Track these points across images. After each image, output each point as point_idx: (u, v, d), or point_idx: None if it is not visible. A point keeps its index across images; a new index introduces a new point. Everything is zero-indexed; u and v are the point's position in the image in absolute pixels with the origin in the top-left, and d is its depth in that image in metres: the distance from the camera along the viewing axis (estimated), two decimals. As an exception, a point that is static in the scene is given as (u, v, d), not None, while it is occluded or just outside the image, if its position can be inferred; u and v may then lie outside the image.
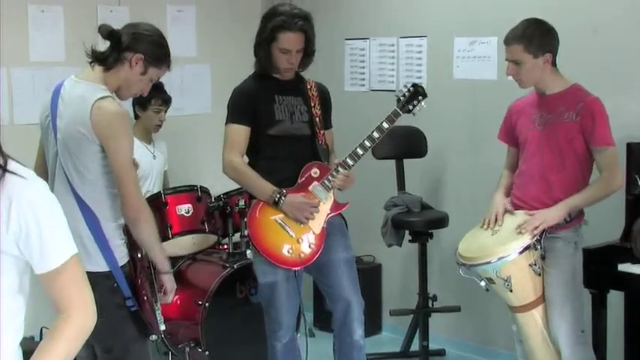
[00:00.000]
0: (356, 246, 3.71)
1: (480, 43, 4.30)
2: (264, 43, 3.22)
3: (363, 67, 4.92)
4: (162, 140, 4.50)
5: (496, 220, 3.23)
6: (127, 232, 2.75)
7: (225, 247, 4.25)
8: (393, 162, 4.50)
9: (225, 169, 3.27)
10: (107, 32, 2.69)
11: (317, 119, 3.33)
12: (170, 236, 3.92)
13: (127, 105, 4.24)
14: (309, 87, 3.37)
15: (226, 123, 3.28)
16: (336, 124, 3.68)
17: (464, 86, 4.44)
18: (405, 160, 4.48)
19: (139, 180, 2.69)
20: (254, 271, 3.35)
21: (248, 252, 4.05)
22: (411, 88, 3.35)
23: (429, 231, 4.31)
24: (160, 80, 4.48)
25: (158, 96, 4.26)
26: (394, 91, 4.11)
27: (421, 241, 4.32)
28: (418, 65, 4.62)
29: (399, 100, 3.35)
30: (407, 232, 4.32)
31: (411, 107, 3.35)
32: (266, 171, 3.27)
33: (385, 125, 3.29)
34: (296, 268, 3.23)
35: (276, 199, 3.19)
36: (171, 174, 4.61)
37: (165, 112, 4.33)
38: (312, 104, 3.33)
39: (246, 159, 3.33)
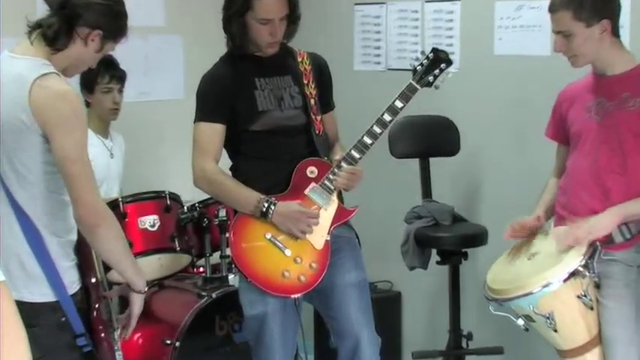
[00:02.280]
0: (369, 269, 3.70)
1: (529, 8, 4.27)
2: (236, 14, 3.22)
3: (379, 40, 4.92)
4: (118, 133, 4.50)
5: (521, 229, 3.24)
6: (78, 251, 2.75)
7: (202, 270, 4.28)
8: (416, 162, 4.46)
9: (197, 180, 3.29)
10: (58, 3, 2.70)
11: (312, 101, 3.34)
12: (131, 256, 3.94)
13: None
14: (300, 60, 3.37)
15: (195, 121, 3.29)
16: (345, 113, 3.67)
17: (508, 64, 4.43)
18: (431, 159, 4.47)
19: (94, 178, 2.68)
20: (240, 301, 3.35)
21: (230, 276, 4.06)
22: (430, 55, 3.33)
23: (463, 250, 4.29)
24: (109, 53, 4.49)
25: (105, 72, 4.23)
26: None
27: (452, 262, 4.31)
28: (449, 37, 4.61)
29: (415, 70, 3.32)
30: (434, 251, 4.32)
31: (431, 79, 3.32)
32: (250, 176, 3.28)
33: (399, 104, 3.27)
34: (295, 296, 3.24)
35: (264, 210, 3.20)
36: (133, 176, 4.59)
37: (120, 91, 4.32)
38: (306, 82, 3.34)
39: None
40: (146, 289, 2.82)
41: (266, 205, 3.20)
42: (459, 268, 4.33)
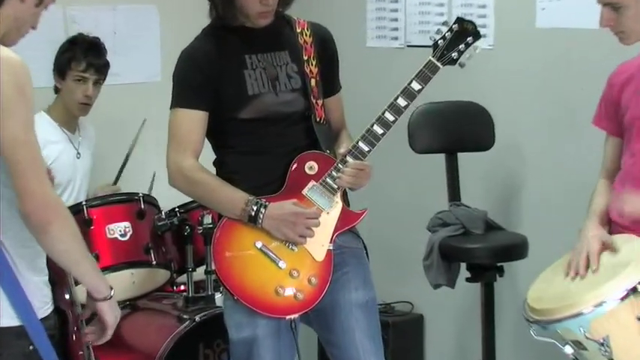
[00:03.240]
0: (385, 287, 3.67)
1: (578, -28, 4.28)
2: None
3: (396, 11, 4.96)
4: (89, 124, 4.48)
5: (588, 264, 3.17)
6: (50, 264, 2.69)
7: (183, 288, 4.27)
8: (441, 157, 4.47)
9: (172, 178, 3.27)
10: None
11: (312, 82, 3.32)
12: (97, 271, 3.91)
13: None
14: (299, 30, 3.34)
15: (172, 107, 3.28)
16: (355, 97, 3.63)
17: (552, 39, 4.43)
18: (460, 154, 4.47)
19: (46, 166, 2.64)
20: (225, 323, 3.32)
21: (217, 296, 4.02)
22: (453, 27, 3.31)
23: (498, 264, 4.29)
24: (92, 35, 4.43)
25: (82, 57, 4.26)
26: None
27: (486, 279, 4.32)
28: (481, 7, 4.63)
29: (435, 45, 3.31)
30: (463, 265, 4.31)
31: (455, 55, 3.30)
32: (238, 173, 3.27)
33: (416, 87, 3.25)
34: (291, 317, 3.21)
35: (253, 214, 3.18)
36: (101, 175, 4.58)
37: (97, 83, 4.36)
38: (306, 58, 3.32)
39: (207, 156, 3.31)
40: (112, 294, 2.75)
41: (255, 207, 3.17)
42: (494, 286, 4.33)
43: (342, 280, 3.28)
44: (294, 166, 3.26)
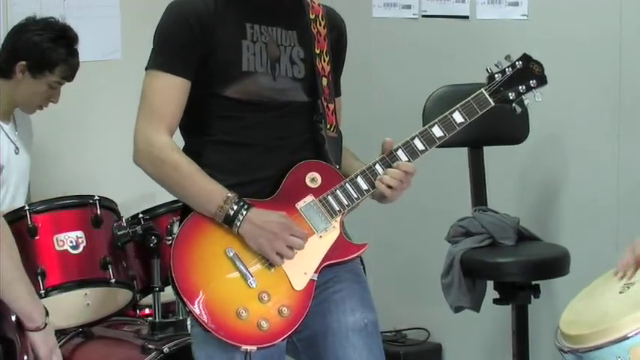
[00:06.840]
0: (394, 311, 3.67)
1: None
2: None
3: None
4: (25, 115, 4.49)
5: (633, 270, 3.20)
6: None
7: (148, 311, 4.29)
8: (464, 152, 4.50)
9: (139, 155, 3.25)
10: None
11: (324, 81, 3.36)
12: (42, 291, 3.89)
13: None
14: (312, 17, 3.37)
15: (149, 68, 3.27)
16: (358, 84, 3.64)
17: (601, 5, 4.45)
18: (486, 148, 4.50)
19: None
20: (193, 354, 3.32)
21: (189, 321, 4.04)
22: (517, 63, 3.38)
23: (533, 283, 4.31)
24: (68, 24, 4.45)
25: (71, 61, 4.32)
26: (467, 18, 4.09)
27: (517, 301, 4.35)
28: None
29: (491, 77, 3.37)
30: (490, 284, 4.33)
31: (511, 96, 3.38)
32: (218, 165, 3.27)
33: (458, 119, 3.33)
34: (247, 348, 3.18)
35: (232, 214, 3.20)
36: (47, 175, 4.58)
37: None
38: (318, 49, 3.34)
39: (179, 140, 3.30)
40: (47, 322, 2.77)
41: (235, 207, 3.17)
42: (528, 309, 4.36)
43: (335, 300, 3.28)
44: (294, 172, 3.29)
